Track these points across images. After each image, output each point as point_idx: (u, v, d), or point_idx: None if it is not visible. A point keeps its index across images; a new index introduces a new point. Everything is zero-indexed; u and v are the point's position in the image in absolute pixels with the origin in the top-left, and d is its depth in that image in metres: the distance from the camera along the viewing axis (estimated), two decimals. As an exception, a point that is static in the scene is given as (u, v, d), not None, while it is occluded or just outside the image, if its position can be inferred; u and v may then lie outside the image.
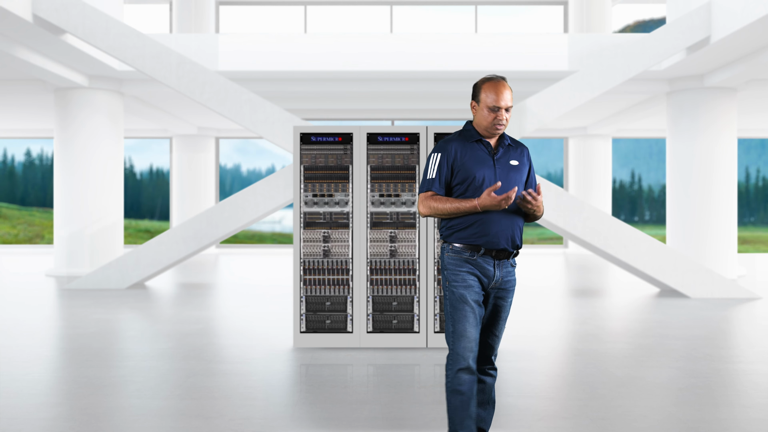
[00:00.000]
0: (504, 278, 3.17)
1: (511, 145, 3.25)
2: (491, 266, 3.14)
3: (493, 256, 3.14)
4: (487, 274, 3.14)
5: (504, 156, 3.20)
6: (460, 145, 3.19)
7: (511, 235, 3.14)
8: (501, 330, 3.24)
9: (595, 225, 8.92)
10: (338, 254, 5.92)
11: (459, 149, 3.18)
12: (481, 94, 3.16)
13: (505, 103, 3.13)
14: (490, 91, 3.13)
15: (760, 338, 6.47)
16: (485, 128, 3.17)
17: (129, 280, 9.77)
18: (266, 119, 9.25)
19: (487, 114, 3.14)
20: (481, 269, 3.14)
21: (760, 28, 8.35)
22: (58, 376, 5.03)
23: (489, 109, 3.13)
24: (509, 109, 3.17)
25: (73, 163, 11.40)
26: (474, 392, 3.11)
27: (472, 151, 3.17)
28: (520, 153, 3.25)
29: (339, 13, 15.18)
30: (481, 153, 3.17)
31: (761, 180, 20.61)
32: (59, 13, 8.78)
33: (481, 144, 3.19)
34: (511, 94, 3.17)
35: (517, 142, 3.30)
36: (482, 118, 3.16)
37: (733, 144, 11.32)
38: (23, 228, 20.00)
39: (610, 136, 17.66)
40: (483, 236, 3.11)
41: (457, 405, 3.09)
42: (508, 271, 3.19)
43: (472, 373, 3.09)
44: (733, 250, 11.36)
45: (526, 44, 11.45)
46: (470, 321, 3.10)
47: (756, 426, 3.89)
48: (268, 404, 4.32)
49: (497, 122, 3.14)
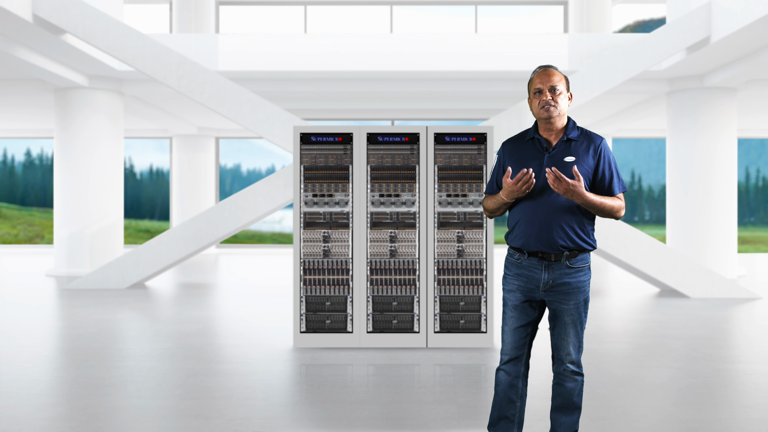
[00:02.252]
0: (556, 281, 3.02)
1: (573, 139, 3.05)
2: (539, 269, 3.04)
3: (540, 257, 3.03)
4: (534, 278, 3.05)
5: (559, 152, 3.04)
6: (513, 144, 3.15)
7: (547, 237, 2.99)
8: (567, 333, 3.07)
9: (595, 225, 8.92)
10: (338, 254, 5.92)
11: (509, 149, 3.14)
12: (529, 85, 3.10)
13: (546, 84, 3.01)
14: (535, 77, 3.07)
15: (760, 338, 6.47)
16: (538, 117, 3.05)
17: (129, 280, 9.76)
18: (266, 119, 9.24)
19: (534, 101, 3.05)
20: (528, 272, 3.06)
21: (760, 28, 8.34)
22: (58, 376, 5.03)
23: (534, 94, 3.05)
24: (556, 90, 3.01)
25: (73, 163, 11.40)
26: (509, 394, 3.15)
27: (522, 150, 3.10)
28: (584, 148, 3.04)
29: (339, 13, 15.17)
30: (532, 151, 3.07)
31: (761, 180, 20.60)
32: (59, 13, 8.78)
33: (534, 142, 3.09)
34: (557, 77, 3.03)
35: (589, 135, 3.09)
36: (533, 108, 3.06)
37: (733, 144, 11.31)
38: (23, 228, 19.99)
39: (610, 136, 17.65)
40: (521, 238, 3.06)
41: (493, 402, 3.21)
42: (563, 272, 3.02)
43: (509, 375, 3.14)
44: (733, 250, 11.36)
45: (526, 44, 11.44)
46: (509, 324, 3.12)
47: (756, 426, 3.89)
48: (268, 404, 4.32)
49: (543, 105, 3.01)
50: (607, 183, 3.05)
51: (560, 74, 3.05)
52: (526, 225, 3.03)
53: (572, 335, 3.08)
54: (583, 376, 3.13)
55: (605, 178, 3.05)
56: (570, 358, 3.09)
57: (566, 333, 3.08)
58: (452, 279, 5.88)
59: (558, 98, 3.01)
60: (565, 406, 3.13)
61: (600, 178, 3.05)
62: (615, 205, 3.02)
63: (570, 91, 3.09)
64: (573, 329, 3.08)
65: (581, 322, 3.09)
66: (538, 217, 3.01)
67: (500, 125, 9.31)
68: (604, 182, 3.05)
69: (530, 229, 3.02)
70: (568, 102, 3.08)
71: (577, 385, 3.11)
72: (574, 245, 3.02)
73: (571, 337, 3.08)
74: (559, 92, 3.02)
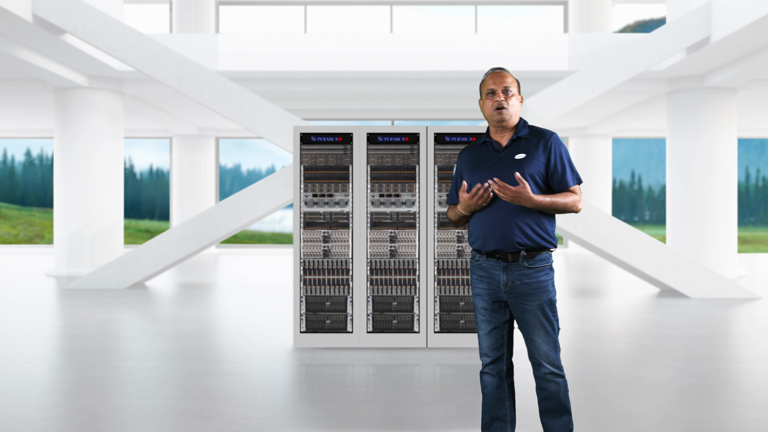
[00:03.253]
0: (516, 282, 2.98)
1: (524, 137, 3.04)
2: (498, 270, 3.01)
3: (498, 258, 3.00)
4: (495, 279, 3.02)
5: (509, 151, 3.03)
6: (468, 151, 3.14)
7: (501, 235, 2.96)
8: (537, 335, 3.00)
9: (595, 225, 8.92)
10: (338, 254, 5.92)
11: (465, 156, 3.13)
12: (481, 87, 3.08)
13: (500, 86, 3.01)
14: (487, 79, 3.06)
15: (760, 338, 6.47)
16: (490, 119, 3.05)
17: (129, 280, 9.77)
18: (266, 119, 9.25)
19: (487, 103, 3.04)
20: (488, 274, 3.04)
21: (760, 28, 8.34)
22: (58, 376, 5.03)
23: (486, 96, 3.04)
24: (508, 91, 3.01)
25: (73, 163, 11.41)
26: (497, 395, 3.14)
27: (475, 155, 3.09)
28: (534, 144, 3.02)
29: (339, 13, 15.17)
30: (484, 154, 3.07)
31: (761, 180, 20.60)
32: (59, 13, 8.78)
33: (486, 145, 3.09)
34: (509, 79, 3.03)
35: (539, 132, 3.06)
36: (486, 110, 3.06)
37: (733, 144, 11.31)
38: (23, 228, 19.99)
39: (610, 136, 17.66)
40: (479, 238, 3.04)
41: (483, 405, 3.20)
42: (522, 273, 2.97)
43: (493, 376, 3.13)
44: (733, 250, 11.36)
45: (526, 44, 11.45)
46: (482, 328, 3.10)
47: (756, 426, 3.89)
48: (268, 404, 4.32)
49: (496, 107, 3.00)
50: (560, 176, 3.01)
51: (512, 77, 3.06)
52: (482, 225, 3.01)
53: (543, 336, 3.00)
54: (565, 377, 3.06)
55: (557, 172, 3.01)
56: (546, 360, 3.01)
57: (536, 335, 3.01)
58: (452, 279, 5.88)
59: (510, 100, 3.01)
60: (552, 409, 3.06)
61: (552, 171, 3.01)
62: (568, 201, 2.98)
63: (521, 94, 3.09)
64: (542, 330, 3.00)
65: (550, 322, 3.00)
66: (493, 216, 2.98)
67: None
68: (557, 176, 3.01)
69: (485, 228, 3.00)
70: (519, 104, 3.07)
71: (560, 386, 3.04)
72: (531, 243, 2.97)
73: (542, 339, 3.00)
74: (512, 94, 3.02)
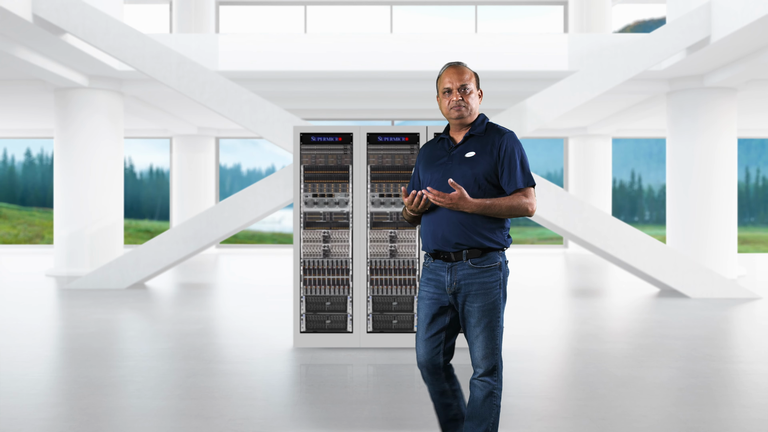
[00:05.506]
0: (460, 282, 2.88)
1: (478, 135, 2.95)
2: (444, 271, 2.92)
3: (443, 259, 2.92)
4: (441, 281, 2.93)
5: (461, 149, 2.94)
6: (426, 147, 3.08)
7: (442, 235, 2.88)
8: (476, 338, 2.87)
9: (595, 225, 8.92)
10: (338, 254, 5.92)
11: (423, 153, 3.07)
12: (438, 83, 2.98)
13: (456, 83, 2.90)
14: (443, 75, 2.95)
15: (760, 338, 6.47)
16: (448, 117, 2.95)
17: (129, 280, 9.77)
18: (266, 119, 9.25)
19: (444, 101, 2.95)
20: (436, 276, 2.95)
21: (760, 28, 8.35)
22: (58, 376, 5.03)
23: (443, 93, 2.94)
24: (466, 89, 2.91)
25: (73, 163, 11.41)
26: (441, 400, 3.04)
27: (432, 152, 3.03)
28: (489, 142, 2.92)
29: (339, 13, 15.18)
30: (439, 152, 2.99)
31: (761, 180, 20.61)
32: (59, 13, 8.78)
33: (443, 142, 3.01)
34: (466, 75, 2.92)
35: (495, 129, 2.96)
36: (443, 108, 2.96)
37: (733, 144, 11.32)
38: (23, 228, 19.99)
39: (610, 136, 17.66)
40: (424, 239, 2.98)
41: (434, 409, 3.11)
42: (467, 273, 2.87)
43: (434, 384, 3.02)
44: (733, 250, 11.36)
45: (526, 44, 11.45)
46: (420, 332, 3.00)
47: (756, 426, 3.89)
48: (268, 404, 4.32)
49: (453, 106, 2.91)
50: (509, 177, 2.89)
51: (470, 72, 2.94)
52: (426, 225, 2.96)
53: (482, 339, 2.87)
54: (497, 386, 2.89)
55: (506, 172, 2.89)
56: (479, 363, 2.88)
57: (475, 337, 2.88)
58: (452, 279, 5.88)
59: (468, 98, 2.91)
60: (472, 416, 2.91)
61: (501, 171, 2.90)
62: (514, 204, 2.86)
63: (480, 88, 2.99)
64: (483, 333, 2.86)
65: (492, 327, 2.86)
66: (436, 215, 2.92)
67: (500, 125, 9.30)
68: (505, 176, 2.90)
69: (427, 229, 2.95)
70: (479, 100, 2.97)
71: (484, 393, 2.87)
72: (474, 243, 2.87)
73: (480, 342, 2.87)
74: (470, 91, 2.92)
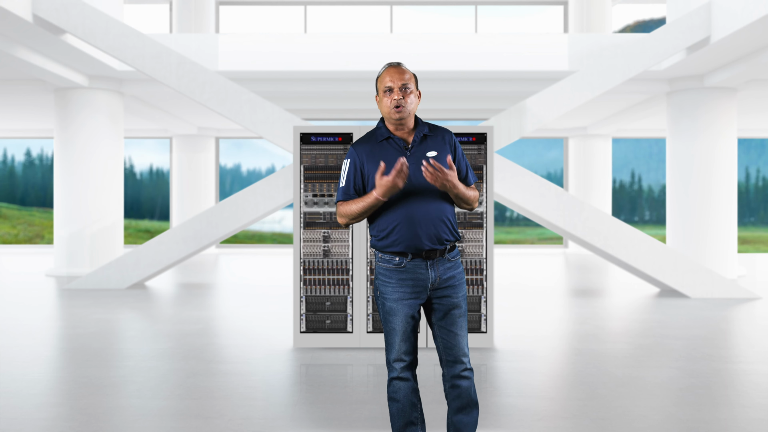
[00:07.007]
0: (443, 276, 2.97)
1: (429, 134, 3.03)
2: (425, 269, 2.96)
3: (424, 257, 2.96)
4: (421, 279, 2.96)
5: (419, 148, 2.99)
6: (368, 147, 3.03)
7: (434, 233, 2.94)
8: (461, 327, 3.00)
9: (595, 225, 8.92)
10: (338, 254, 5.92)
11: (366, 152, 3.02)
12: (378, 83, 3.00)
13: (397, 83, 2.93)
14: (384, 74, 2.97)
15: (760, 338, 6.47)
16: (388, 117, 2.98)
17: (129, 280, 9.77)
18: (266, 119, 9.25)
19: (385, 100, 2.96)
20: (413, 275, 2.96)
21: (760, 28, 8.34)
22: (58, 376, 5.03)
23: (384, 93, 2.96)
24: (407, 89, 2.95)
25: (73, 163, 11.41)
26: (411, 399, 3.02)
27: (381, 151, 3.01)
28: (440, 140, 3.01)
29: (339, 13, 15.18)
30: (391, 151, 2.98)
31: (761, 180, 20.60)
32: (59, 13, 8.78)
33: (390, 141, 3.00)
34: (407, 75, 2.96)
35: (438, 128, 3.06)
36: (383, 108, 2.97)
37: (733, 144, 11.32)
38: (23, 228, 19.99)
39: (610, 136, 17.66)
40: (405, 240, 2.95)
41: (394, 412, 3.05)
42: (446, 267, 2.98)
43: (407, 380, 3.02)
44: (733, 250, 11.36)
45: (526, 44, 11.45)
46: (399, 335, 2.99)
47: (756, 426, 3.89)
48: (268, 404, 4.32)
49: (394, 105, 2.93)
50: (464, 173, 3.05)
51: (410, 72, 2.99)
52: (409, 226, 2.93)
53: (465, 330, 3.01)
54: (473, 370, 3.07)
55: (462, 169, 3.05)
56: (465, 353, 2.99)
57: (460, 328, 2.99)
58: (452, 279, 5.87)
59: (409, 98, 2.96)
60: (465, 405, 3.01)
61: (458, 169, 3.03)
62: (471, 195, 3.01)
63: (419, 89, 3.03)
64: (464, 323, 3.01)
65: (466, 315, 3.04)
66: (420, 215, 2.92)
67: (500, 125, 9.31)
68: (461, 173, 3.04)
69: (414, 229, 2.93)
70: (417, 101, 3.02)
71: (472, 381, 3.02)
72: (453, 237, 3.01)
73: (464, 332, 3.00)
74: (410, 91, 2.96)
